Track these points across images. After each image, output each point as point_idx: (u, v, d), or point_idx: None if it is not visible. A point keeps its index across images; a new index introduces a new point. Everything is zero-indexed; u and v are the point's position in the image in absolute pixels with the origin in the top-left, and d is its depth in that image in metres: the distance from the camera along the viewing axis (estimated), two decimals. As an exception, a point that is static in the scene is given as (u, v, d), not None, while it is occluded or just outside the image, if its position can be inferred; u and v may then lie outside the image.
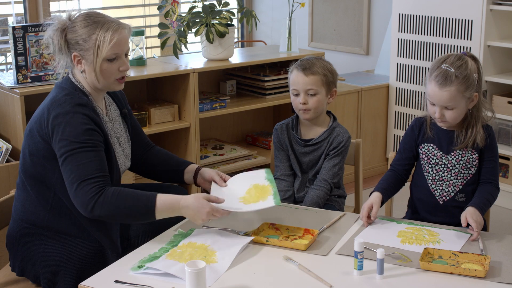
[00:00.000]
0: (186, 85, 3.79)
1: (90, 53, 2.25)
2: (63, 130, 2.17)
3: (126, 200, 2.14)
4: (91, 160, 2.16)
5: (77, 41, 2.25)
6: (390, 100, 4.81)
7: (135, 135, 2.56)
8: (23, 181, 2.31)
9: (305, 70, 2.65)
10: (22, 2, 4.79)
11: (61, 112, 2.19)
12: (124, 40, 2.29)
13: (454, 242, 2.16)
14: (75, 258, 2.23)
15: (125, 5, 6.28)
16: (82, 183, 2.13)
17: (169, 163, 2.59)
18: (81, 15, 2.28)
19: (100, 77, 2.27)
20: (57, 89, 2.30)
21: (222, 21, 3.90)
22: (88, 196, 2.12)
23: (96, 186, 2.13)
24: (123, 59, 2.31)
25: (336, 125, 2.74)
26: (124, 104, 2.54)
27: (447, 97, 2.28)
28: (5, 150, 3.27)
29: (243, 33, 6.19)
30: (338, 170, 2.72)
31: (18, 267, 2.31)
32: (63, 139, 2.16)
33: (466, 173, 2.40)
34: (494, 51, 4.16)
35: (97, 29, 2.24)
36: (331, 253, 2.10)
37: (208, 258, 2.03)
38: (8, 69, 5.11)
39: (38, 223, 2.26)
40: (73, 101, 2.22)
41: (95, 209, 2.12)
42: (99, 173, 2.16)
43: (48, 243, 2.25)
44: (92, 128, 2.20)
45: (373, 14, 5.31)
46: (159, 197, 2.16)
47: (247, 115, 4.54)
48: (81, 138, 2.16)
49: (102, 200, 2.12)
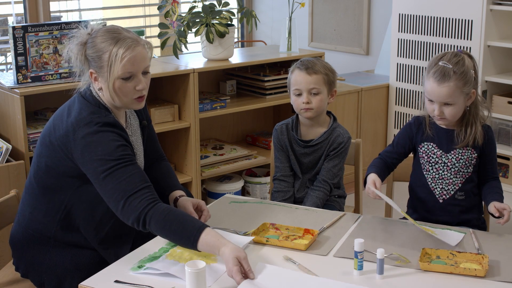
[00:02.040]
0: (186, 85, 3.79)
1: (104, 70, 2.15)
2: (95, 150, 2.09)
3: (172, 224, 2.03)
4: (131, 174, 2.08)
5: (93, 57, 2.17)
6: (390, 100, 4.81)
7: (149, 146, 2.47)
8: (34, 188, 2.26)
9: (307, 69, 2.66)
10: (22, 2, 4.79)
11: (89, 132, 2.10)
12: (140, 57, 2.16)
13: (451, 239, 2.18)
14: (82, 267, 2.22)
15: (125, 5, 6.28)
16: (129, 198, 2.05)
17: (159, 183, 2.43)
18: (101, 31, 2.18)
19: (114, 96, 2.17)
20: (80, 104, 2.20)
21: (222, 21, 3.90)
22: (138, 211, 2.04)
23: (145, 199, 2.05)
24: (139, 78, 2.18)
25: (336, 126, 2.74)
26: (145, 116, 2.45)
27: (446, 93, 2.30)
28: (5, 150, 3.27)
29: (243, 33, 6.19)
30: (338, 170, 2.72)
31: (23, 270, 2.30)
32: (97, 159, 2.08)
33: (465, 172, 2.42)
34: (494, 51, 4.16)
35: (111, 45, 2.14)
36: (331, 253, 2.10)
37: (208, 258, 2.03)
38: (8, 69, 5.11)
39: (45, 233, 2.23)
40: (100, 120, 2.13)
41: (147, 221, 2.03)
42: (144, 185, 2.08)
43: (54, 252, 2.24)
44: (123, 143, 2.13)
45: (373, 14, 5.31)
46: (205, 233, 2.00)
47: (247, 115, 4.54)
48: (115, 155, 2.09)
49: (151, 214, 2.03)
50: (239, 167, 4.13)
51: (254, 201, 2.56)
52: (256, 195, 4.23)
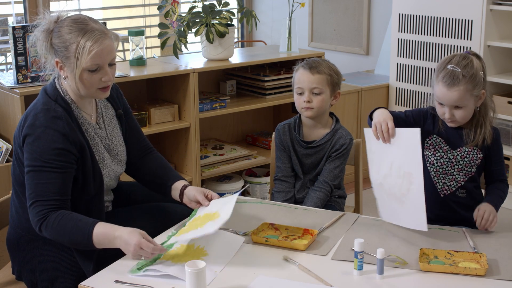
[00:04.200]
0: (186, 85, 3.79)
1: (71, 61, 2.16)
2: (32, 142, 2.13)
3: (66, 226, 2.08)
4: (50, 182, 2.10)
5: (59, 47, 2.18)
6: (390, 100, 4.81)
7: (131, 137, 2.46)
8: (15, 186, 2.28)
9: (311, 68, 2.66)
10: (22, 2, 4.80)
11: (34, 124, 2.14)
12: (107, 50, 2.17)
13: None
14: (73, 264, 2.21)
15: (125, 5, 6.28)
16: (35, 203, 2.10)
17: (158, 174, 2.44)
18: (68, 20, 2.19)
19: (80, 86, 2.19)
20: (40, 95, 2.24)
21: (222, 21, 3.90)
22: (36, 218, 2.10)
23: (45, 209, 2.09)
24: (106, 70, 2.19)
25: (339, 127, 2.74)
26: (120, 104, 2.44)
27: (456, 97, 2.29)
28: (5, 150, 3.27)
29: (243, 33, 6.19)
30: (339, 172, 2.72)
31: (17, 271, 2.30)
32: (29, 152, 2.13)
33: (468, 171, 2.42)
34: (494, 51, 4.16)
35: (78, 37, 2.14)
36: (330, 253, 2.10)
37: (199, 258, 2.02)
38: (8, 69, 5.11)
39: (32, 231, 2.21)
40: (49, 114, 2.15)
41: (43, 231, 2.10)
42: (55, 196, 2.10)
43: (44, 250, 2.24)
44: (62, 147, 2.12)
45: (373, 14, 5.31)
46: (97, 226, 2.07)
47: (247, 115, 4.54)
48: (46, 157, 2.11)
49: (46, 223, 2.09)
50: (239, 167, 4.14)
51: (253, 201, 2.56)
52: (256, 195, 4.23)
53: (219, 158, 4.11)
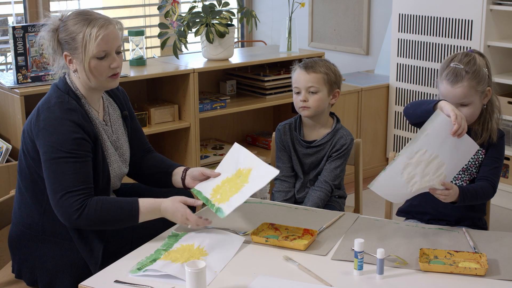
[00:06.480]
0: (186, 85, 3.79)
1: (79, 51, 2.21)
2: (50, 135, 2.15)
3: (110, 209, 2.14)
4: (76, 171, 2.13)
5: (66, 40, 2.23)
6: (390, 100, 4.81)
7: (134, 139, 2.51)
8: (19, 183, 2.30)
9: (307, 68, 2.67)
10: (22, 2, 4.80)
11: (50, 116, 2.17)
12: (113, 36, 2.23)
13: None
14: (73, 261, 2.22)
15: (125, 5, 6.28)
16: (67, 194, 2.11)
17: (158, 166, 2.52)
18: (72, 14, 2.25)
19: (90, 75, 2.23)
20: (51, 90, 2.28)
21: (222, 21, 3.90)
22: (73, 208, 2.11)
23: (81, 198, 2.12)
24: (113, 56, 2.25)
25: (339, 127, 2.74)
26: (126, 106, 2.49)
27: (460, 93, 2.30)
28: (5, 150, 3.27)
29: (243, 33, 6.19)
30: (340, 172, 2.72)
31: (17, 269, 2.31)
32: (48, 145, 2.14)
33: (472, 171, 2.42)
34: (494, 51, 4.16)
35: (84, 26, 2.20)
36: (330, 253, 2.10)
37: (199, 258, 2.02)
38: (8, 69, 5.11)
39: (33, 227, 2.25)
40: (63, 106, 2.19)
41: (80, 220, 2.12)
42: (84, 185, 2.14)
43: (45, 247, 2.24)
44: (81, 137, 2.17)
45: (373, 14, 5.31)
46: (141, 202, 2.16)
47: (247, 115, 4.54)
48: (67, 148, 2.13)
49: (87, 212, 2.11)
50: (239, 167, 4.13)
51: (253, 201, 2.56)
52: (256, 195, 4.22)
53: (219, 158, 4.11)
